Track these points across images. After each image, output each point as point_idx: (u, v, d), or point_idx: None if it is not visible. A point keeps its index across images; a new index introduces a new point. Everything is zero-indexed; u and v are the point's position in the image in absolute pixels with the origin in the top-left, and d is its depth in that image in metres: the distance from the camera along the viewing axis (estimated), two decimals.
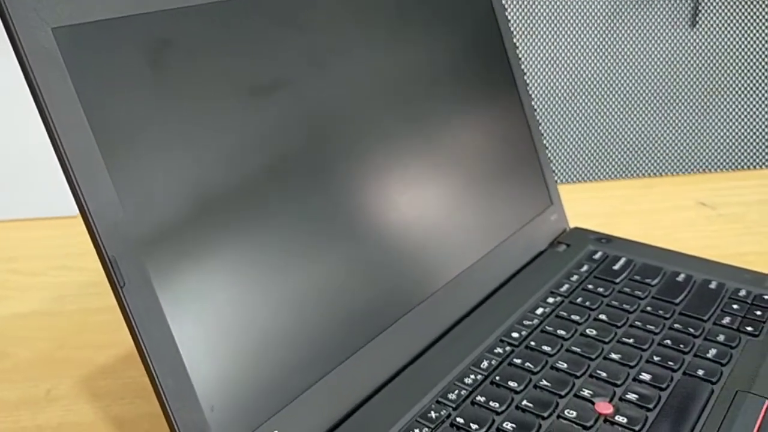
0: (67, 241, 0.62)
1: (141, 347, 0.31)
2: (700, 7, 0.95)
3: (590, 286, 0.50)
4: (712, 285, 0.49)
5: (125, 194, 0.30)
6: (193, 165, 0.33)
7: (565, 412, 0.38)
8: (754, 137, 0.93)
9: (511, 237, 0.51)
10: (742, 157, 0.95)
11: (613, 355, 0.42)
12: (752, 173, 0.82)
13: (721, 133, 0.93)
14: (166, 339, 0.31)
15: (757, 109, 0.93)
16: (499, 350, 0.43)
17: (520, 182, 0.54)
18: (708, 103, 0.92)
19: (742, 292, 0.48)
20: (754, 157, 0.95)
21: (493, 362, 0.42)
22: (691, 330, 0.44)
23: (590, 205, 0.60)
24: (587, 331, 0.45)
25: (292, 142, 0.38)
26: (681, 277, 0.50)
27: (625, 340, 0.44)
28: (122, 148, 0.31)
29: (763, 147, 0.94)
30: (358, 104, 0.42)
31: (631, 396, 0.39)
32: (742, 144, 0.94)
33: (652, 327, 0.45)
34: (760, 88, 0.93)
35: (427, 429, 0.37)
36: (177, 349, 0.31)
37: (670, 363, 0.42)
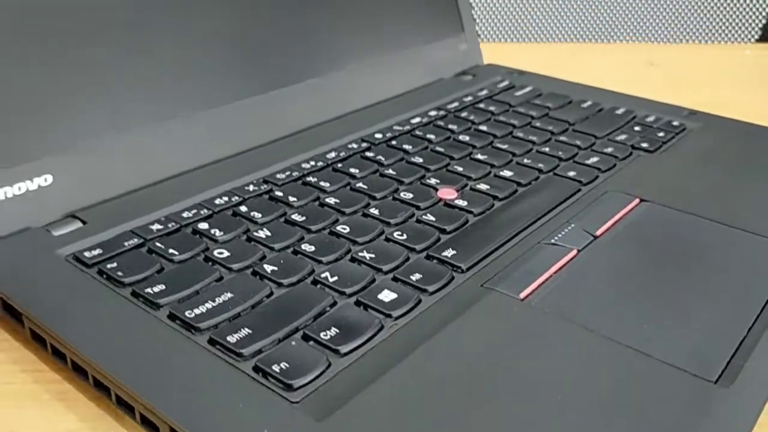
0: None
1: None
2: None
3: (481, 105, 0.45)
4: (619, 111, 0.44)
5: None
6: None
7: (401, 194, 0.33)
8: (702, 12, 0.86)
9: (407, 51, 0.46)
10: (689, 30, 0.87)
11: (480, 156, 0.38)
12: (699, 46, 0.78)
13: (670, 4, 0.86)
14: None
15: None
16: (353, 146, 0.38)
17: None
18: None
19: (651, 118, 0.43)
20: (701, 31, 0.88)
21: (342, 154, 0.37)
22: (578, 142, 0.39)
23: (517, 60, 0.54)
24: (461, 137, 0.40)
25: None
26: (587, 104, 0.45)
27: (499, 146, 0.39)
28: None
29: (709, 22, 0.86)
30: None
31: (483, 187, 0.34)
32: (690, 18, 0.86)
33: (534, 138, 0.40)
34: None
35: (236, 198, 0.32)
36: None
37: (540, 165, 0.37)
